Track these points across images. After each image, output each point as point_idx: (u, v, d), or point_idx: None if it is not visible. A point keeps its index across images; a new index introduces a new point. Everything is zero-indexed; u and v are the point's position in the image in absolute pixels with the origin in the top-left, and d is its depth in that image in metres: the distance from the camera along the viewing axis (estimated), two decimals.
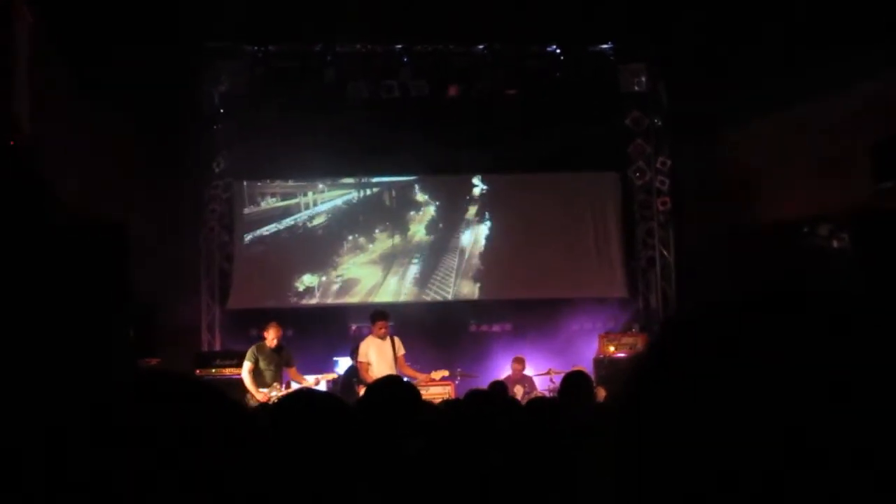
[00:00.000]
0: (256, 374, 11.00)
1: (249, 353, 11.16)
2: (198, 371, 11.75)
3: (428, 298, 14.75)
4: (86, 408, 0.90)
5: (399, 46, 13.96)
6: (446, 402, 6.96)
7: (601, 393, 10.52)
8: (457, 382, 12.07)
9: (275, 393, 10.84)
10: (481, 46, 14.10)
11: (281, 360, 11.23)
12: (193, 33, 12.71)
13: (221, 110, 14.17)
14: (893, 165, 9.59)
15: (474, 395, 5.43)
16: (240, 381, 11.04)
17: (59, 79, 10.61)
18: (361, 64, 14.06)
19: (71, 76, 10.96)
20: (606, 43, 14.39)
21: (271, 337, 11.23)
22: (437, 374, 11.70)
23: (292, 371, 11.43)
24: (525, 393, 12.05)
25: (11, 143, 7.86)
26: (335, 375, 12.24)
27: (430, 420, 4.26)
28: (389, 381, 4.52)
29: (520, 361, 12.64)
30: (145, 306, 10.09)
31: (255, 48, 13.76)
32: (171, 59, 12.40)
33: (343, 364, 12.75)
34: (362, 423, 3.48)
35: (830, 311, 0.79)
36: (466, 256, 14.94)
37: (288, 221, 14.66)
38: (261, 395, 10.81)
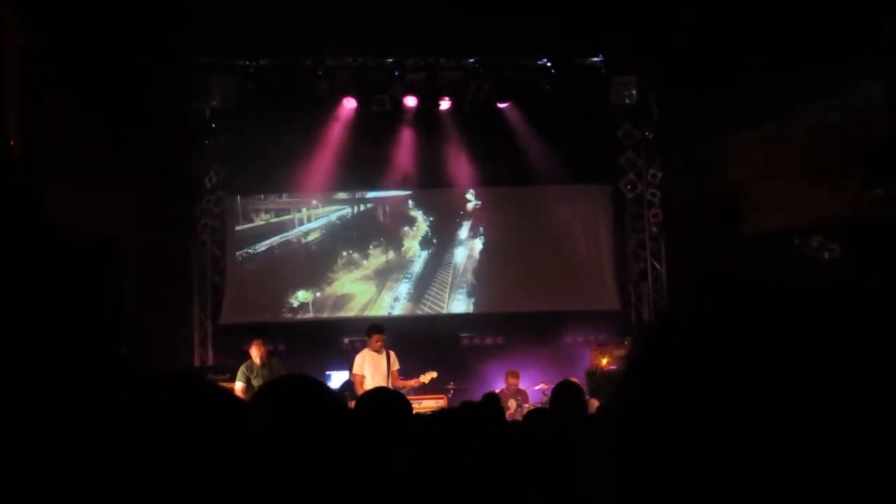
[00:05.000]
0: (250, 391, 10.90)
1: (240, 374, 11.08)
2: None
3: (421, 313, 14.75)
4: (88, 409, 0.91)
5: (390, 60, 13.97)
6: (437, 412, 6.95)
7: (594, 404, 10.49)
8: (450, 395, 12.07)
9: None
10: (472, 60, 14.11)
11: (272, 375, 11.15)
12: (184, 48, 12.72)
13: (213, 125, 14.18)
14: (883, 172, 9.62)
15: (467, 405, 5.42)
16: None
17: (49, 93, 10.60)
18: (353, 78, 14.07)
19: (62, 91, 10.96)
20: (597, 56, 14.41)
21: (255, 355, 11.19)
22: (427, 377, 11.65)
23: None
24: (518, 406, 12.03)
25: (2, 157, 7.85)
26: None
27: (420, 429, 4.26)
28: (379, 392, 4.52)
29: (514, 375, 12.60)
30: (137, 321, 10.07)
31: (246, 63, 13.74)
32: (162, 73, 12.41)
33: (337, 378, 12.69)
34: (352, 433, 3.48)
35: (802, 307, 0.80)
36: (460, 271, 14.94)
37: (282, 237, 14.66)
38: None
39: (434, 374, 11.75)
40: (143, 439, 0.91)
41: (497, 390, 12.45)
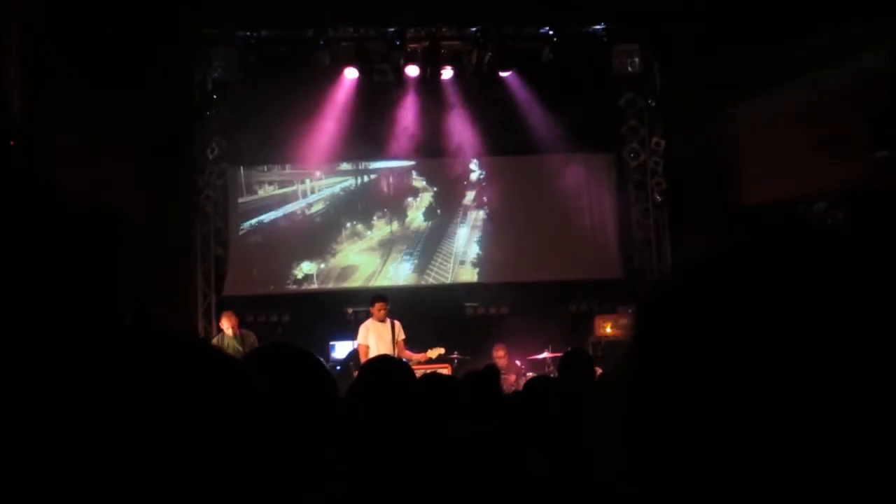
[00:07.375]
0: None
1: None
2: None
3: (426, 284, 14.76)
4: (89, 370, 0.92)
5: (392, 30, 13.91)
6: (431, 373, 6.95)
7: (598, 372, 10.47)
8: (454, 365, 12.07)
9: None
10: (474, 29, 14.05)
11: (243, 346, 11.14)
12: (186, 20, 12.69)
13: (215, 97, 14.14)
14: (887, 134, 9.61)
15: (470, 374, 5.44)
16: None
17: (51, 66, 10.57)
18: (354, 48, 14.01)
19: (63, 63, 10.94)
20: (599, 24, 14.34)
21: (227, 326, 11.22)
22: (434, 352, 11.64)
23: None
24: (516, 380, 11.95)
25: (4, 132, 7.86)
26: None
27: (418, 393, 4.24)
28: (382, 360, 4.52)
29: (502, 349, 12.51)
30: (140, 293, 10.09)
31: (248, 34, 13.70)
32: (164, 45, 12.38)
33: (341, 348, 12.73)
34: (356, 403, 3.49)
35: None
36: (465, 241, 14.94)
37: (286, 209, 14.65)
38: None
39: (442, 350, 11.72)
40: (150, 403, 0.91)
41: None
